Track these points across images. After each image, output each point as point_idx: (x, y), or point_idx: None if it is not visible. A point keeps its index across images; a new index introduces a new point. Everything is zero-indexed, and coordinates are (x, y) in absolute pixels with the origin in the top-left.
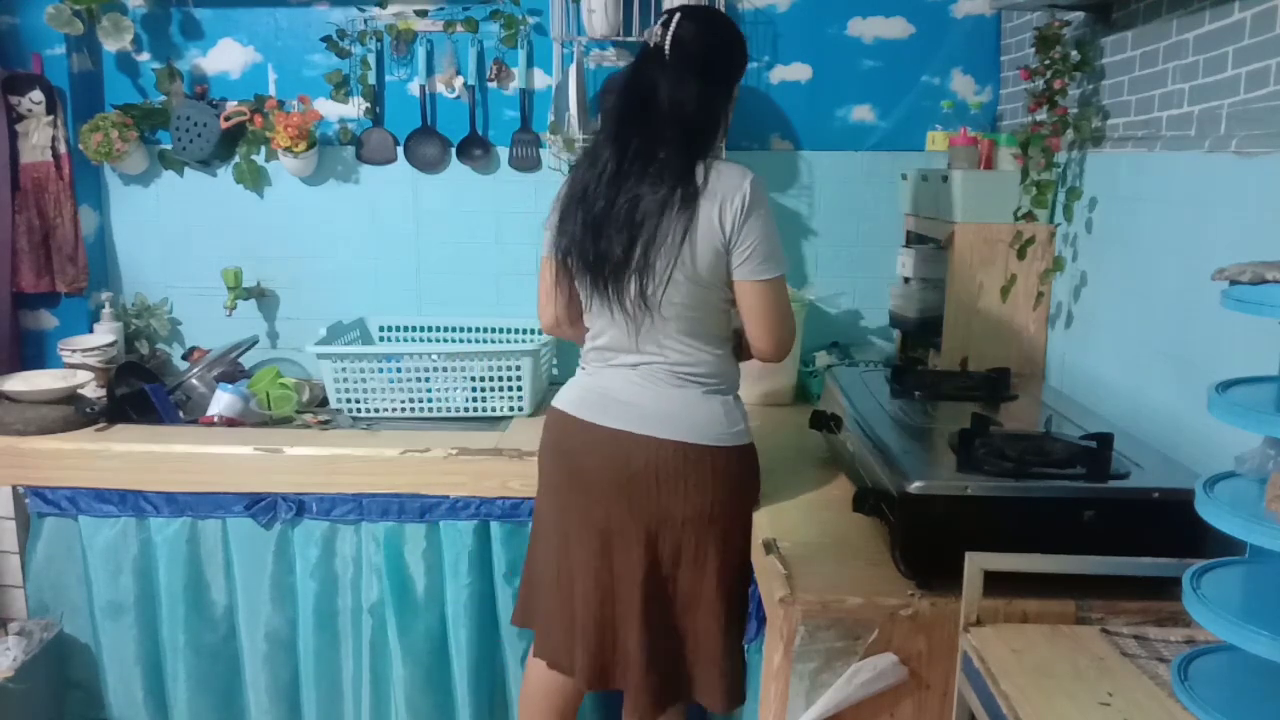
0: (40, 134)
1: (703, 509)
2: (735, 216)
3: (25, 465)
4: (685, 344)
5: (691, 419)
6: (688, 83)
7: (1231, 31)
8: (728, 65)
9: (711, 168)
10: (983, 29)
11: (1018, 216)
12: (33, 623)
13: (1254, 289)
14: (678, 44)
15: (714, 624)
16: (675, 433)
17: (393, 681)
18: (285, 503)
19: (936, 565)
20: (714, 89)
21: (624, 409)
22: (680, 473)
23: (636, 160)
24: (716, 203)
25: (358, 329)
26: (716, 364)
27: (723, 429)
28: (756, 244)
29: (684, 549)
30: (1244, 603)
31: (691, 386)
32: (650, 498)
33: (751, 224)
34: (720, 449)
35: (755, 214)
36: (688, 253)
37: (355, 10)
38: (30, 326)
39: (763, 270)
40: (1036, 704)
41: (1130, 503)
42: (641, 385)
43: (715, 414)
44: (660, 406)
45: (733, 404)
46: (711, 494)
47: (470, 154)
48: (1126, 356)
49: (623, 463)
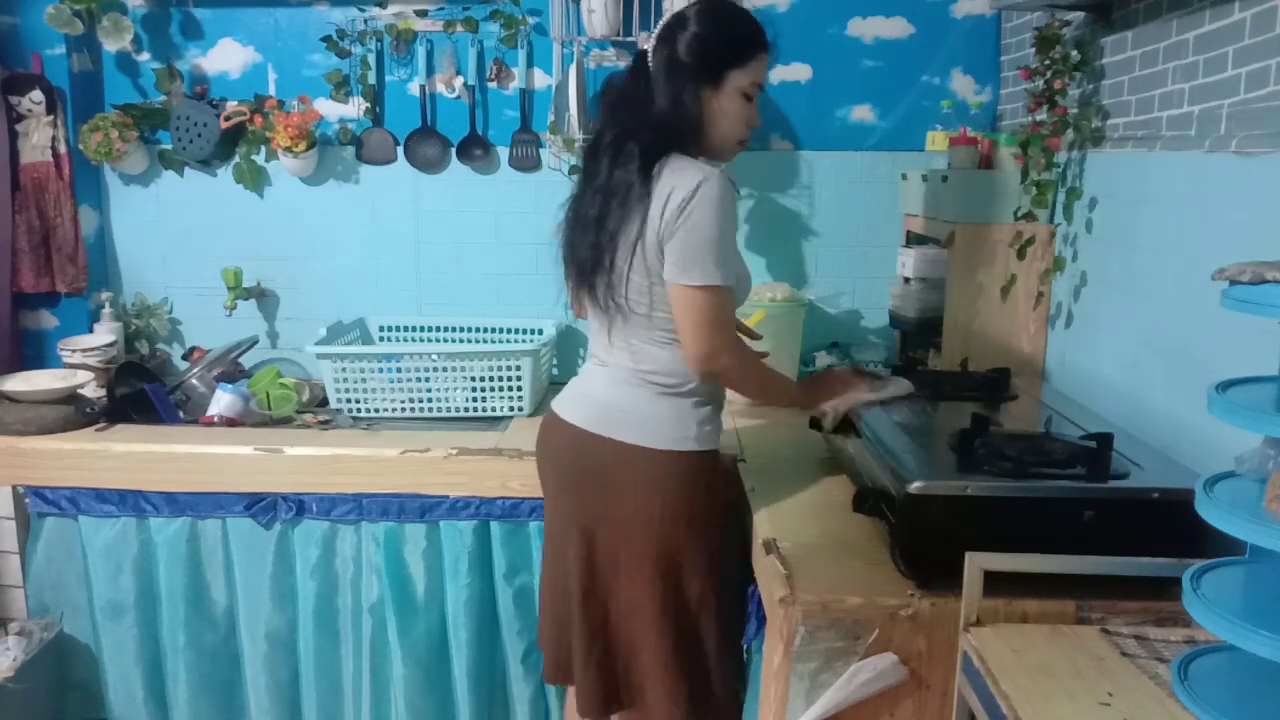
0: (40, 134)
1: (643, 513)
2: (672, 213)
3: (25, 465)
4: (649, 343)
5: (640, 419)
6: (662, 79)
7: (1231, 31)
8: (702, 59)
9: (669, 164)
10: (983, 29)
11: (1018, 216)
12: (33, 623)
13: (1254, 289)
14: (660, 43)
15: (651, 636)
16: (623, 433)
17: (393, 681)
18: (285, 503)
19: (936, 565)
20: (685, 83)
21: (587, 407)
22: (624, 474)
23: (605, 160)
24: (662, 198)
25: (358, 329)
26: (676, 363)
27: (672, 431)
28: (684, 246)
29: (621, 553)
30: (1244, 603)
31: (648, 387)
32: (596, 497)
33: (685, 224)
34: (667, 453)
35: (694, 214)
36: (640, 250)
37: (355, 10)
38: (30, 326)
39: (680, 274)
40: (1036, 704)
41: (1130, 503)
42: (607, 384)
43: (665, 415)
44: (615, 405)
45: (690, 407)
46: (655, 498)
47: (470, 154)
48: (1126, 356)
49: (578, 460)
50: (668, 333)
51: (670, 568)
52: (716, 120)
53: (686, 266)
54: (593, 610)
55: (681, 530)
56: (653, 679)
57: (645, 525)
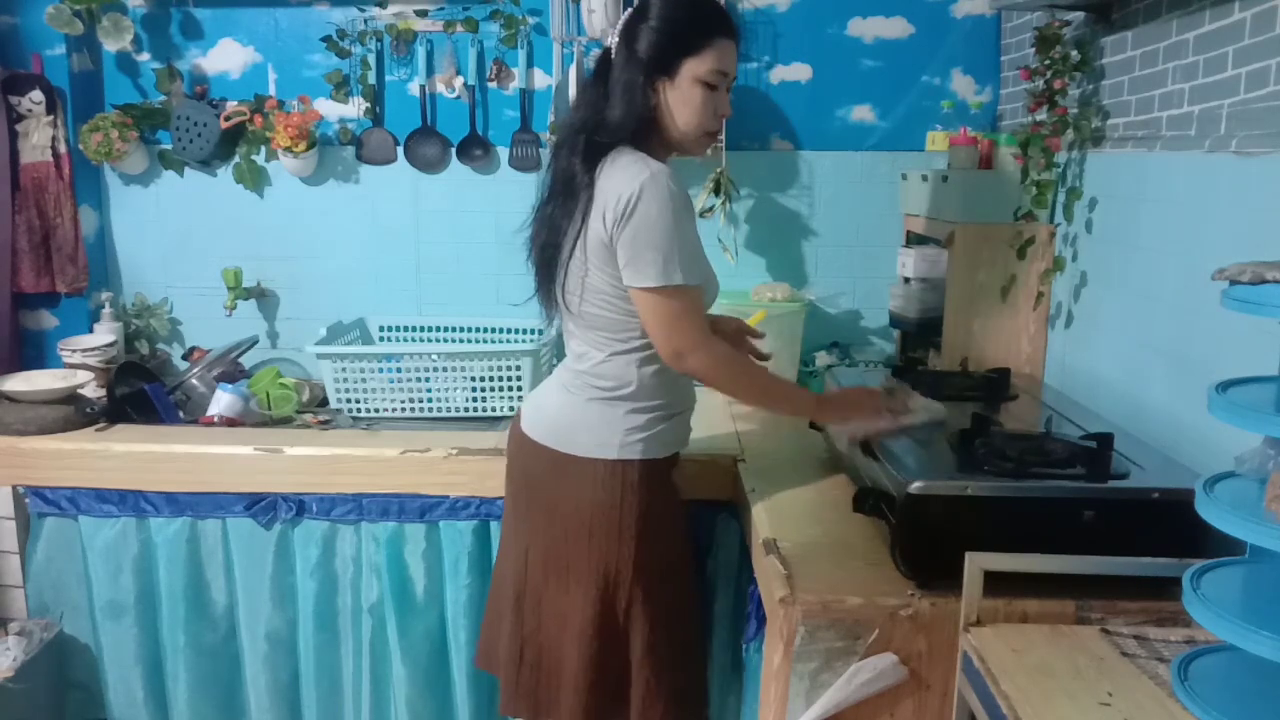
0: (40, 134)
1: (567, 524)
2: (615, 214)
3: (25, 465)
4: (589, 345)
5: (569, 425)
6: (618, 73)
7: (1231, 31)
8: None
9: (615, 160)
10: (983, 29)
11: (1018, 216)
12: (33, 623)
13: (1254, 289)
14: (620, 36)
15: (577, 652)
16: (554, 439)
17: (393, 681)
18: (285, 503)
19: (936, 565)
20: (637, 75)
21: (534, 411)
22: (554, 483)
23: (560, 157)
24: (604, 197)
25: (358, 329)
26: (613, 367)
27: (597, 438)
28: (634, 247)
29: (552, 564)
30: (1244, 603)
31: (584, 390)
32: (532, 506)
33: (631, 224)
34: (595, 461)
35: (639, 213)
36: (580, 249)
37: (355, 10)
38: (30, 326)
39: (636, 276)
40: (1036, 704)
41: (1130, 503)
42: (553, 388)
43: (594, 422)
44: (550, 409)
45: (624, 413)
46: (581, 509)
47: (470, 154)
48: (1126, 356)
49: (514, 466)
50: (606, 334)
51: (599, 582)
52: (675, 112)
53: (640, 268)
54: (525, 617)
55: (613, 544)
56: (569, 693)
57: (573, 537)
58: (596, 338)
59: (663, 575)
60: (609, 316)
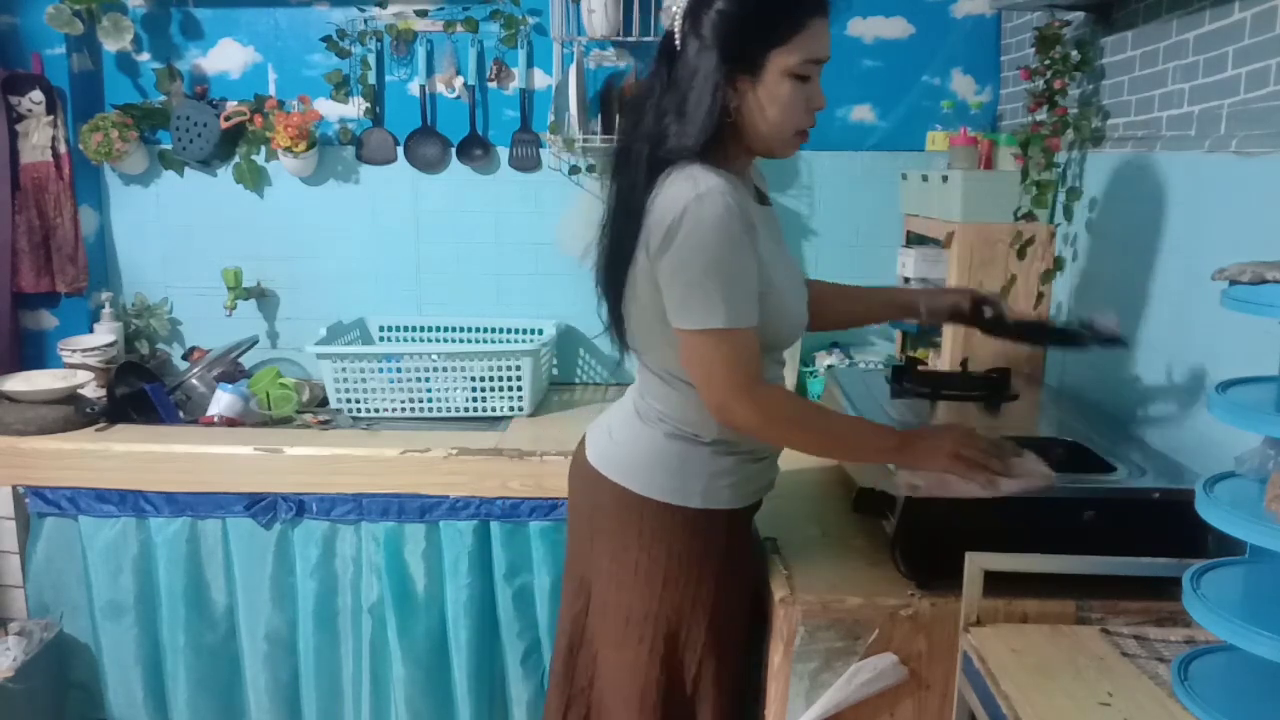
0: (40, 134)
1: (634, 570)
2: (658, 242)
3: (25, 465)
4: (666, 384)
5: (643, 464)
6: (687, 71)
7: (1231, 31)
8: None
9: (672, 176)
10: (983, 29)
11: (1018, 216)
12: (33, 623)
13: (1254, 289)
14: (685, 24)
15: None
16: (623, 475)
17: (393, 681)
18: (285, 503)
19: (936, 565)
20: (712, 74)
21: (601, 438)
22: (616, 522)
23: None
24: (649, 221)
25: (358, 329)
26: (694, 410)
27: (678, 482)
28: (674, 282)
29: (609, 611)
30: (1244, 603)
31: (656, 425)
32: (592, 543)
33: (673, 256)
34: (657, 504)
35: (680, 243)
36: (634, 277)
37: (355, 10)
38: (30, 326)
39: (677, 316)
40: (1036, 704)
41: (1130, 503)
42: (622, 415)
43: (671, 463)
44: (621, 443)
45: (705, 455)
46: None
47: (470, 154)
48: (1126, 356)
49: (577, 497)
50: (671, 371)
51: (664, 642)
52: (762, 113)
53: (680, 307)
54: (577, 670)
55: (686, 600)
56: None
57: (644, 584)
58: (672, 378)
59: (735, 640)
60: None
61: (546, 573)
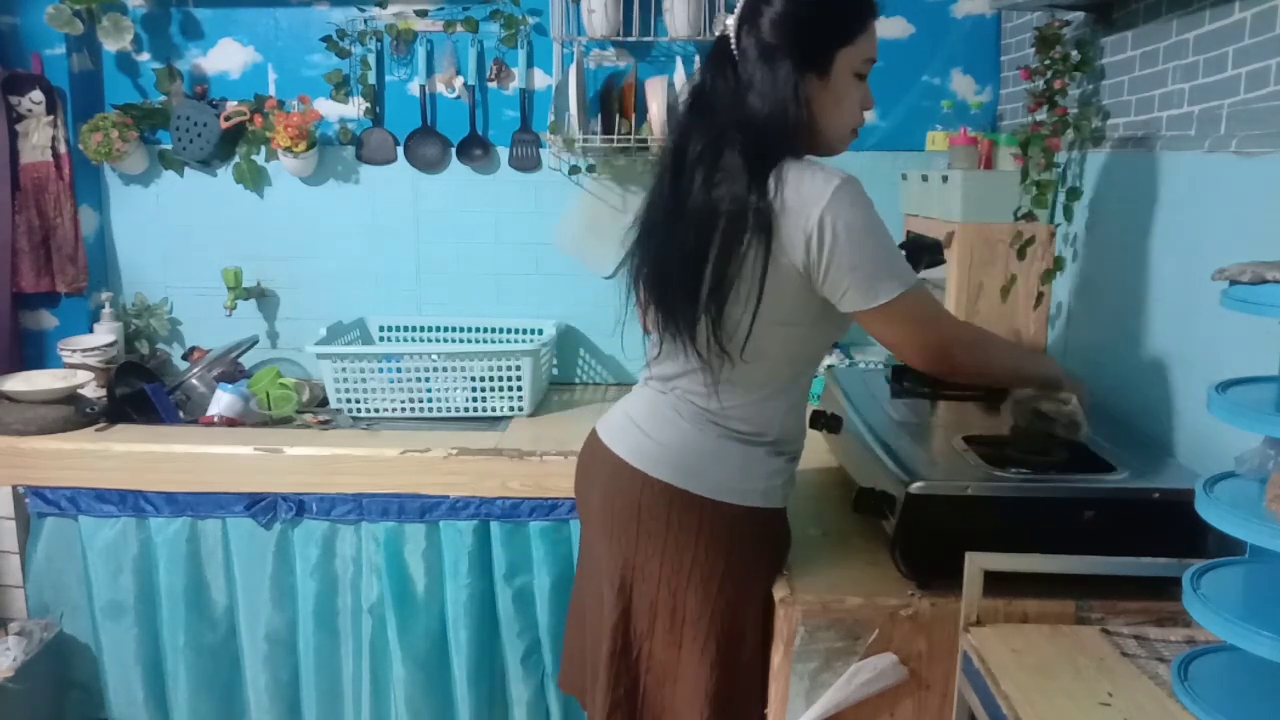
0: (40, 134)
1: (699, 571)
2: (816, 242)
3: (25, 465)
4: (730, 387)
5: (691, 461)
6: (756, 72)
7: (1231, 31)
8: (804, 42)
9: (785, 177)
10: (983, 29)
11: (1018, 216)
12: (33, 623)
13: (1254, 289)
14: (744, 26)
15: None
16: (667, 473)
17: (393, 681)
18: (285, 503)
19: (936, 565)
20: (785, 74)
21: (640, 438)
22: (666, 520)
23: (697, 171)
24: (794, 220)
25: (358, 329)
26: (756, 410)
27: (730, 480)
28: (853, 270)
29: (662, 612)
30: (1244, 603)
31: (714, 428)
32: (638, 544)
33: (841, 247)
34: (718, 503)
35: (843, 231)
36: (769, 288)
37: (355, 10)
38: (30, 326)
39: (866, 299)
40: (1036, 704)
41: (1130, 503)
42: (667, 415)
43: (733, 463)
44: (664, 439)
45: (763, 455)
46: (714, 556)
47: (470, 154)
48: (1126, 356)
49: (611, 495)
50: (762, 377)
51: (723, 634)
52: (829, 111)
53: (868, 286)
54: (621, 674)
55: (741, 594)
56: None
57: (700, 585)
58: (748, 381)
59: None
60: (774, 354)
61: (546, 573)
